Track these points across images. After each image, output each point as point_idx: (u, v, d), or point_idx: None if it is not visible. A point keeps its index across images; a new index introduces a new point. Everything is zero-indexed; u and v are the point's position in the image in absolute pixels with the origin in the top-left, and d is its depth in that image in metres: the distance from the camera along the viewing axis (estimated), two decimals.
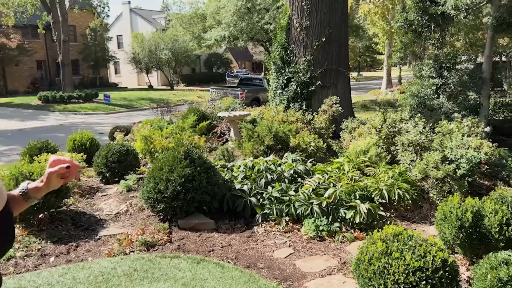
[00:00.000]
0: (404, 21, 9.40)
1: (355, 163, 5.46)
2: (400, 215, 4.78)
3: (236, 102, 10.12)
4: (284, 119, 7.10)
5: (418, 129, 5.72)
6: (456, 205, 3.69)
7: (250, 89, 17.23)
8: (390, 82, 25.63)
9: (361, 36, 37.84)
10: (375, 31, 24.80)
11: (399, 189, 4.75)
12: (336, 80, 8.55)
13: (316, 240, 4.17)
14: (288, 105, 8.45)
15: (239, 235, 4.33)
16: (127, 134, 9.60)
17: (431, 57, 9.33)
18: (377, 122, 6.11)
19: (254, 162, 5.49)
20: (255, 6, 26.62)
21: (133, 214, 4.90)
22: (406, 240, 3.01)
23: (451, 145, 5.63)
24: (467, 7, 7.31)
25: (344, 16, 8.69)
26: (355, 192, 4.60)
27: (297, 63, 8.48)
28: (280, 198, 4.65)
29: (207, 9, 28.19)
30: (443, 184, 5.15)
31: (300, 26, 8.35)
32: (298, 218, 4.50)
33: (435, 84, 8.67)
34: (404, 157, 5.55)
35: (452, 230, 3.61)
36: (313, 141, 6.25)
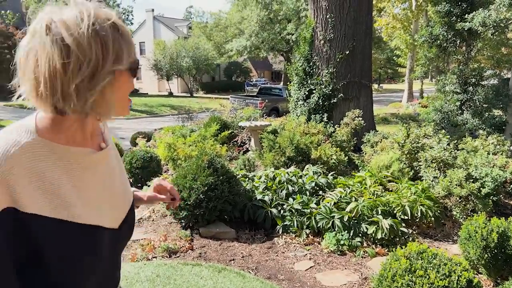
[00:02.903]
0: (429, 35, 9.36)
1: (377, 178, 5.44)
2: (422, 232, 4.73)
3: (256, 112, 10.19)
4: (306, 131, 7.12)
5: (442, 146, 5.67)
6: (481, 224, 3.64)
7: (269, 99, 17.31)
8: (411, 96, 25.37)
9: (382, 48, 37.74)
10: (397, 43, 24.69)
11: (422, 205, 4.71)
12: (358, 92, 8.54)
13: (336, 254, 4.16)
14: (310, 116, 8.48)
15: (259, 246, 4.36)
16: (149, 140, 9.76)
17: (455, 72, 9.25)
18: (400, 137, 6.08)
19: (275, 173, 5.52)
20: (277, 17, 26.86)
21: (155, 220, 4.98)
22: (431, 258, 2.99)
23: (476, 162, 5.55)
24: (495, 24, 7.25)
25: (369, 30, 8.70)
26: (377, 207, 4.58)
27: (319, 75, 8.52)
28: (301, 210, 4.66)
29: (231, 20, 28.53)
30: (467, 203, 5.08)
31: (324, 38, 8.39)
32: (319, 231, 4.50)
33: (460, 100, 8.58)
34: (427, 173, 5.50)
35: (476, 250, 3.56)
36: (335, 154, 6.24)
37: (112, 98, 0.95)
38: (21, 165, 0.89)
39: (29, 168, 0.90)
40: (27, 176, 0.90)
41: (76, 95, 0.89)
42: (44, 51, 0.88)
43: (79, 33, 0.88)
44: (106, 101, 0.94)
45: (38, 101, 0.93)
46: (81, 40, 0.88)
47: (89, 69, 0.89)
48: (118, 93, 0.97)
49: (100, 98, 0.93)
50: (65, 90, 0.89)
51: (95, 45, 0.89)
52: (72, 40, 0.87)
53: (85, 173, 1.00)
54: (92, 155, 1.03)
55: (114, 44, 0.92)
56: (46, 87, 0.89)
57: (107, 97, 0.94)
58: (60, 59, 0.87)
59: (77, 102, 0.90)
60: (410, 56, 23.81)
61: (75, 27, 0.88)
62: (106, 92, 0.93)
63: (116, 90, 0.96)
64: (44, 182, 0.92)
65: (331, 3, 8.24)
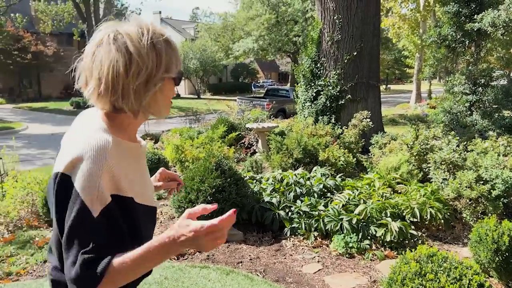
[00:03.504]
0: (437, 36, 9.29)
1: (386, 180, 5.40)
2: (431, 234, 4.68)
3: (264, 114, 10.18)
4: (313, 133, 7.10)
5: (452, 147, 5.62)
6: (492, 227, 3.60)
7: (276, 100, 17.30)
8: (419, 96, 25.19)
9: (390, 48, 37.56)
10: (404, 44, 24.55)
11: (431, 208, 4.67)
12: (366, 94, 8.50)
13: (345, 257, 4.13)
14: (317, 118, 8.45)
15: (267, 248, 4.34)
16: (156, 142, 9.80)
17: (464, 72, 9.16)
18: (409, 139, 6.03)
19: (283, 175, 5.50)
20: (284, 18, 26.84)
21: (163, 222, 4.99)
22: (441, 262, 2.95)
23: (486, 164, 5.49)
24: (505, 24, 7.18)
25: (376, 30, 8.66)
26: (386, 209, 4.54)
27: (327, 76, 8.49)
28: (309, 212, 4.64)
29: (237, 20, 28.56)
30: (477, 205, 5.03)
31: (331, 39, 8.36)
32: (327, 234, 4.47)
33: (469, 101, 8.49)
34: (436, 175, 5.44)
35: (487, 253, 3.52)
36: (343, 155, 6.21)
37: (161, 100, 1.16)
38: (114, 159, 1.08)
39: (118, 161, 1.10)
40: (119, 168, 1.09)
41: (134, 95, 1.09)
42: (109, 57, 1.08)
43: (141, 44, 1.09)
44: (157, 102, 1.15)
45: (98, 99, 1.12)
46: (142, 50, 1.09)
47: (146, 75, 1.09)
48: (163, 96, 1.16)
49: (152, 100, 1.13)
50: (125, 90, 1.08)
51: (152, 55, 1.10)
52: (134, 49, 1.08)
53: (139, 164, 1.23)
54: (140, 149, 1.25)
55: (166, 56, 1.13)
56: (107, 87, 1.08)
57: (158, 99, 1.14)
58: (123, 64, 1.07)
59: (134, 101, 1.10)
60: (418, 57, 23.65)
61: (138, 39, 1.09)
62: (157, 95, 1.13)
63: (163, 94, 1.16)
64: (129, 172, 1.14)
65: (338, 4, 8.22)
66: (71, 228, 1.03)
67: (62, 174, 1.06)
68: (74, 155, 1.06)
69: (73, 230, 1.03)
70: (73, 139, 1.17)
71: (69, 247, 1.03)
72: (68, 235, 1.03)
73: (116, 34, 1.10)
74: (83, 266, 1.01)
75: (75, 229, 1.03)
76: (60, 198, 1.06)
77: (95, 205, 1.03)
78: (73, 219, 1.02)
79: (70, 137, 1.21)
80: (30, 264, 3.93)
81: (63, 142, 1.23)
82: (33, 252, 4.15)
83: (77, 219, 1.02)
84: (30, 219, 4.85)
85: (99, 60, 1.09)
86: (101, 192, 1.04)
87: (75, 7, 24.63)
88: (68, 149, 1.11)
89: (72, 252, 1.02)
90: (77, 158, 1.05)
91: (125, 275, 1.04)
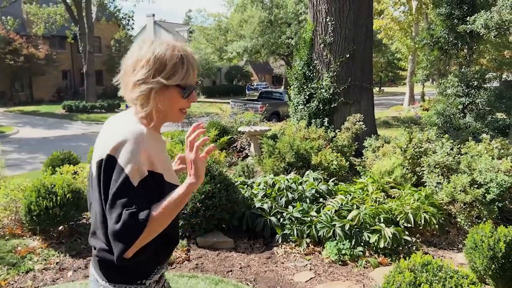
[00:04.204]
0: (430, 38, 9.24)
1: (379, 184, 5.31)
2: (426, 240, 4.59)
3: (256, 117, 10.07)
4: (306, 136, 7.00)
5: (445, 150, 5.54)
6: (488, 233, 3.51)
7: (270, 103, 17.19)
8: (412, 98, 25.25)
9: (383, 51, 37.65)
10: (397, 46, 24.59)
11: (425, 212, 4.58)
12: (359, 96, 8.42)
13: (338, 264, 4.03)
14: (310, 121, 8.36)
15: (258, 256, 4.22)
16: None
17: (457, 75, 9.12)
18: (402, 142, 5.95)
19: (274, 180, 5.39)
20: (277, 20, 26.79)
21: None
22: (436, 271, 2.86)
23: (480, 167, 5.42)
24: (498, 26, 7.14)
25: (369, 33, 8.59)
26: (379, 215, 4.44)
27: (319, 79, 8.40)
28: (301, 218, 4.53)
29: (232, 22, 28.46)
30: (472, 209, 4.95)
31: (323, 42, 8.29)
32: (319, 240, 4.36)
33: (462, 103, 8.45)
34: (430, 179, 5.36)
35: (483, 260, 3.43)
36: (335, 159, 6.12)
37: (165, 105, 1.38)
38: (149, 143, 1.34)
39: (152, 145, 1.35)
40: (152, 150, 1.35)
41: (132, 88, 1.36)
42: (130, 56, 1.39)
43: (154, 52, 1.34)
44: (153, 103, 1.36)
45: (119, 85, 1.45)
46: (151, 56, 1.34)
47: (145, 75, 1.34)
48: (164, 101, 1.38)
49: (145, 100, 1.36)
50: (128, 83, 1.38)
51: (158, 63, 1.34)
52: (145, 54, 1.35)
53: (164, 151, 1.46)
54: (163, 140, 1.49)
55: (173, 67, 1.35)
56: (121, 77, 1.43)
57: (156, 101, 1.36)
58: (132, 62, 1.37)
59: (130, 94, 1.37)
60: (411, 59, 23.69)
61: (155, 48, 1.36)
62: (154, 97, 1.35)
63: (162, 98, 1.37)
64: (158, 155, 1.38)
65: (330, 6, 8.14)
66: (115, 194, 1.26)
67: (108, 155, 1.31)
68: (118, 140, 1.31)
69: (117, 196, 1.26)
70: (109, 133, 1.40)
71: (113, 209, 1.26)
72: (113, 200, 1.26)
73: (145, 41, 1.39)
74: (128, 217, 1.23)
75: (119, 195, 1.26)
76: (107, 175, 1.31)
77: (135, 176, 1.29)
78: (118, 187, 1.26)
79: (104, 135, 1.45)
80: (11, 275, 3.78)
81: (98, 140, 1.48)
82: (15, 262, 4.00)
83: (121, 186, 1.26)
84: (13, 227, 4.70)
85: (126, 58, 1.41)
86: (140, 166, 1.30)
87: (67, 9, 24.43)
88: (107, 140, 1.35)
89: (116, 211, 1.25)
90: (121, 142, 1.31)
91: (162, 221, 1.30)
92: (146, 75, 1.33)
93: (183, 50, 1.37)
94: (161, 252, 1.48)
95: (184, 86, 1.38)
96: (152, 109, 1.37)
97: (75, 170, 5.71)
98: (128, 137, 1.31)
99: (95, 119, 21.37)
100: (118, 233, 1.24)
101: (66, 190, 4.45)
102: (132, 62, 1.37)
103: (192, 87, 1.41)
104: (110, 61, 34.21)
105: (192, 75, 1.40)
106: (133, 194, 1.27)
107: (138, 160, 1.29)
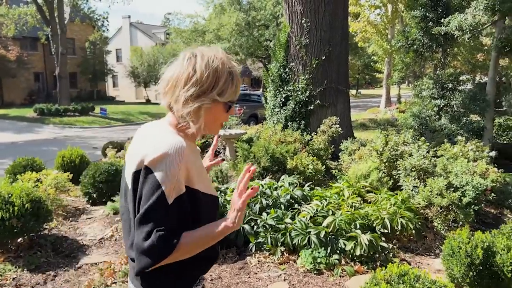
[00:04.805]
0: (405, 40, 9.25)
1: (355, 188, 5.19)
2: (403, 246, 4.48)
3: (232, 119, 9.88)
4: (282, 139, 6.85)
5: (422, 153, 5.47)
6: (465, 240, 3.42)
7: (248, 105, 17.02)
8: (389, 101, 25.53)
9: (359, 54, 38.03)
10: (374, 49, 24.82)
11: (402, 217, 4.47)
12: (335, 99, 8.33)
13: (313, 274, 3.87)
14: (286, 124, 8.22)
15: (230, 266, 4.03)
16: (121, 150, 9.33)
17: (432, 77, 9.14)
18: (378, 145, 5.86)
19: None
20: (255, 22, 26.69)
21: (118, 239, 4.60)
22: (413, 282, 2.72)
23: (456, 170, 5.37)
24: (472, 28, 7.15)
25: (345, 34, 8.53)
26: (355, 221, 4.31)
27: (295, 81, 8.28)
28: (276, 226, 4.36)
29: (209, 26, 28.21)
30: (448, 213, 4.88)
31: (299, 43, 8.17)
32: (294, 249, 4.20)
33: (437, 105, 8.46)
34: (407, 182, 5.28)
35: (461, 268, 3.32)
36: (311, 163, 5.98)
37: (209, 118, 1.38)
38: (188, 156, 1.30)
39: (190, 159, 1.32)
40: (190, 164, 1.31)
41: (183, 103, 1.33)
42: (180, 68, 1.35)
43: (207, 67, 1.33)
44: (200, 117, 1.35)
45: (162, 95, 1.40)
46: (205, 71, 1.32)
47: (199, 91, 1.32)
48: (210, 116, 1.38)
49: (196, 114, 1.34)
50: (179, 97, 1.33)
51: (211, 78, 1.33)
52: (199, 69, 1.33)
53: (200, 161, 1.43)
54: (197, 147, 1.47)
55: (224, 83, 1.35)
56: (169, 89, 1.36)
57: (203, 115, 1.35)
58: (186, 77, 1.33)
59: (181, 108, 1.34)
60: (387, 62, 23.94)
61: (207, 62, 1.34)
62: (203, 111, 1.35)
63: (209, 113, 1.37)
64: (195, 167, 1.35)
65: (306, 7, 8.03)
66: (147, 210, 1.24)
67: (146, 167, 1.28)
68: (158, 153, 1.27)
69: (150, 212, 1.24)
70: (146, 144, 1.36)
71: (143, 226, 1.24)
72: (144, 215, 1.24)
73: (195, 54, 1.37)
74: (158, 238, 1.22)
75: (152, 212, 1.24)
76: (142, 187, 1.28)
77: (171, 194, 1.26)
78: (152, 203, 1.24)
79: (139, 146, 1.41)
80: None
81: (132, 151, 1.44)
82: None
83: (155, 203, 1.24)
84: None
85: (173, 68, 1.38)
86: (178, 183, 1.28)
87: (38, 10, 23.68)
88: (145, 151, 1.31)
89: (145, 229, 1.23)
90: (161, 156, 1.27)
91: (190, 251, 1.30)
92: (199, 91, 1.33)
93: (232, 66, 1.39)
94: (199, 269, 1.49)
95: (231, 101, 1.40)
96: (201, 124, 1.37)
97: (38, 177, 5.41)
98: (169, 151, 1.28)
99: (68, 123, 20.76)
100: (145, 251, 1.24)
101: (25, 199, 4.16)
102: (184, 76, 1.34)
103: (234, 101, 1.44)
104: (85, 63, 33.44)
105: (238, 90, 1.42)
106: (166, 213, 1.25)
107: (177, 177, 1.27)
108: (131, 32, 41.91)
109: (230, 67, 1.38)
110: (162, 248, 1.23)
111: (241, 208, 1.32)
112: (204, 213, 1.39)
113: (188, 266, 1.39)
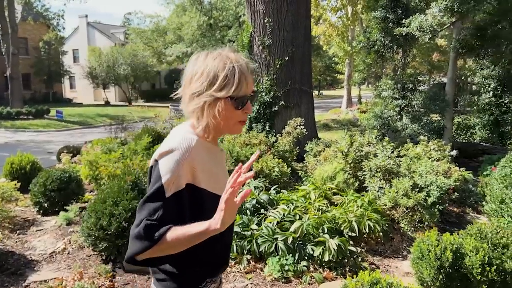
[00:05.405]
0: (366, 41, 9.32)
1: (322, 191, 5.08)
2: (371, 249, 4.41)
3: None
4: (247, 142, 6.67)
5: (387, 153, 5.45)
6: (434, 242, 3.35)
7: None
8: (350, 101, 25.97)
9: (321, 55, 38.55)
10: (335, 51, 25.15)
11: (369, 220, 4.40)
12: (299, 100, 8.26)
13: (281, 282, 3.70)
14: (251, 125, 8.06)
15: None
16: (77, 154, 8.83)
17: (392, 77, 9.26)
18: (343, 146, 5.79)
19: None
20: (217, 23, 26.44)
21: (71, 253, 4.25)
22: None
23: (420, 170, 5.39)
24: (432, 29, 7.26)
25: (308, 35, 8.47)
26: (323, 225, 4.19)
27: (259, 82, 8.13)
28: (241, 233, 4.16)
29: (169, 25, 27.66)
30: (414, 213, 4.87)
31: (262, 44, 8.03)
32: (261, 256, 4.02)
33: (399, 106, 8.56)
34: (372, 183, 5.24)
35: (430, 271, 3.26)
36: (277, 165, 5.84)
37: (222, 117, 1.37)
38: (197, 154, 1.36)
39: (199, 157, 1.37)
40: (199, 162, 1.36)
41: (188, 101, 1.40)
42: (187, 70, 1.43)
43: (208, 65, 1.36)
44: (206, 116, 1.37)
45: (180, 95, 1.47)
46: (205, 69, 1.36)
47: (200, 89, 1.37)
48: (219, 114, 1.36)
49: (199, 109, 1.38)
50: (185, 95, 1.42)
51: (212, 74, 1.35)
52: (198, 68, 1.38)
53: (217, 163, 1.47)
54: (220, 152, 1.52)
55: (226, 79, 1.34)
56: (181, 90, 1.44)
57: (209, 114, 1.37)
58: (189, 76, 1.40)
59: (186, 106, 1.42)
60: (348, 63, 24.32)
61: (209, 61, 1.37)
62: (208, 110, 1.37)
63: (214, 110, 1.36)
64: (206, 167, 1.39)
65: (268, 7, 7.90)
66: (146, 199, 1.30)
67: (155, 160, 1.34)
68: (166, 148, 1.33)
69: (147, 201, 1.29)
70: (165, 141, 1.42)
71: (139, 213, 1.30)
72: (142, 204, 1.30)
73: (201, 54, 1.40)
74: (145, 228, 1.26)
75: (149, 201, 1.29)
76: (150, 179, 1.34)
77: (170, 187, 1.29)
78: (150, 193, 1.29)
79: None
80: None
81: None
82: None
83: (153, 194, 1.29)
84: None
85: (185, 71, 1.43)
86: (179, 178, 1.30)
87: None
88: (160, 147, 1.37)
89: (140, 217, 1.28)
90: (168, 150, 1.32)
91: (174, 247, 1.28)
92: (200, 88, 1.34)
93: (236, 61, 1.36)
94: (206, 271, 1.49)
95: (236, 98, 1.36)
96: (208, 122, 1.38)
97: None
98: (176, 147, 1.33)
99: (21, 126, 19.71)
100: (133, 237, 1.27)
101: None
102: (189, 75, 1.38)
103: (246, 98, 1.39)
104: (39, 64, 31.91)
105: (245, 86, 1.37)
106: (160, 205, 1.28)
107: (178, 171, 1.30)
108: (88, 32, 40.42)
109: (234, 62, 1.35)
110: (145, 238, 1.25)
111: (224, 208, 1.25)
112: (208, 213, 1.32)
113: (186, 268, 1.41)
